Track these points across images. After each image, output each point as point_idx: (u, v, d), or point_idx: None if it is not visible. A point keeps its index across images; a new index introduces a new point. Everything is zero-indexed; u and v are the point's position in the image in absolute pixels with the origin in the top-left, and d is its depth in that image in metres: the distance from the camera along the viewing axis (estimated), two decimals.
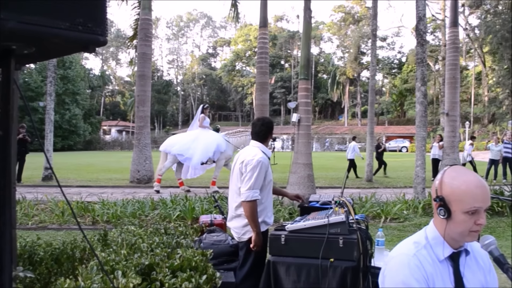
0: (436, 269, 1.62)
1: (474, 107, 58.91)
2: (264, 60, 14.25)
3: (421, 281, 1.58)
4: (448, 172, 1.66)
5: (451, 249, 1.65)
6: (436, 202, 1.64)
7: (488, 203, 1.59)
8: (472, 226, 1.57)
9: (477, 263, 1.72)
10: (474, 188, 1.57)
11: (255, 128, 3.76)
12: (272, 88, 68.66)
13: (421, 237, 1.72)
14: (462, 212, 1.57)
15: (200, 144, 12.08)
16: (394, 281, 1.62)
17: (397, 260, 1.66)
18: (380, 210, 8.66)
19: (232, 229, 3.69)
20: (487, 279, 1.72)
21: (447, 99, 14.95)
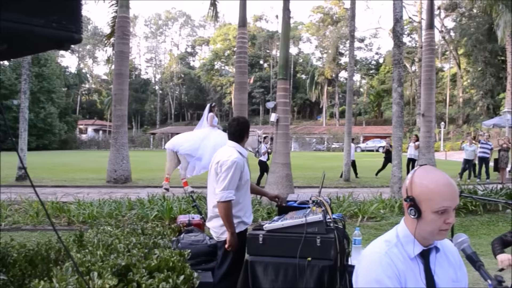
0: (407, 267, 1.65)
1: (449, 108, 60.04)
2: (243, 60, 14.23)
3: (393, 278, 1.60)
4: (418, 172, 1.68)
5: (421, 247, 1.68)
6: (407, 202, 1.66)
7: (456, 202, 1.62)
8: (442, 225, 1.60)
9: (447, 260, 1.75)
10: (443, 187, 1.60)
11: (231, 128, 3.75)
12: (251, 87, 68.60)
13: (392, 235, 1.74)
14: (431, 212, 1.59)
15: (210, 144, 11.66)
16: (367, 279, 1.64)
17: (369, 259, 1.68)
18: (357, 209, 8.75)
19: (211, 228, 3.68)
20: (458, 274, 1.75)
21: (423, 100, 15.19)
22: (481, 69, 50.26)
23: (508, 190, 10.19)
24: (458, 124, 56.04)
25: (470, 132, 43.50)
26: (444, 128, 48.01)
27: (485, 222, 8.72)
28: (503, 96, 42.76)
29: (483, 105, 50.45)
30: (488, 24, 43.82)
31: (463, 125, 53.59)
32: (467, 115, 54.65)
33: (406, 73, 60.46)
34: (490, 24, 40.51)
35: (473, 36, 48.44)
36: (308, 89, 72.04)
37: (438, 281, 1.68)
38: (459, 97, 59.76)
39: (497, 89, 48.33)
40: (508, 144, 17.12)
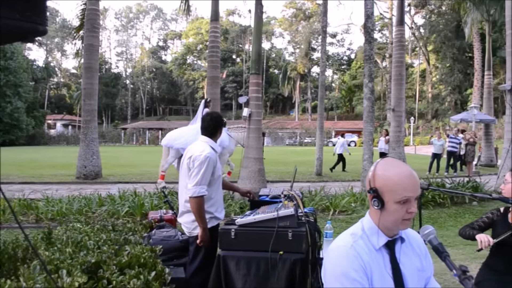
0: (373, 258, 1.68)
1: (419, 103, 61.29)
2: (215, 54, 14.17)
3: (359, 270, 1.63)
4: (380, 164, 1.73)
5: (386, 238, 1.72)
6: (370, 193, 1.71)
7: (418, 192, 1.67)
8: (404, 214, 1.65)
9: (412, 249, 1.80)
10: (405, 178, 1.65)
11: (204, 123, 3.72)
12: (223, 82, 68.40)
13: (357, 228, 1.78)
14: (394, 202, 1.64)
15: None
16: (334, 272, 1.67)
17: (336, 252, 1.71)
18: (329, 203, 8.84)
19: (182, 224, 3.66)
20: (423, 263, 1.80)
21: (393, 95, 15.46)
22: (449, 65, 51.47)
23: (474, 183, 10.48)
24: (427, 119, 57.30)
25: (439, 126, 44.51)
26: (414, 122, 49.04)
27: (452, 214, 8.96)
28: (470, 91, 43.96)
29: (451, 101, 51.72)
30: (456, 22, 44.88)
31: (432, 120, 54.83)
32: (436, 110, 55.94)
33: (377, 68, 61.34)
34: (458, 22, 41.43)
35: (442, 33, 49.55)
36: (280, 84, 72.30)
37: (404, 270, 1.72)
38: (428, 92, 61.09)
39: (465, 85, 49.62)
40: (474, 139, 17.60)
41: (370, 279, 1.66)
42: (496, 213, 3.13)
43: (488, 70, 23.37)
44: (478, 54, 36.40)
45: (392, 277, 1.69)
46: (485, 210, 9.28)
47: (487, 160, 21.22)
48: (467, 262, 5.71)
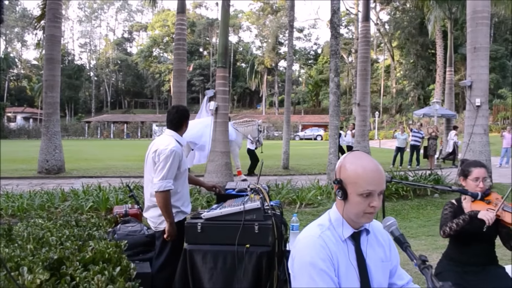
0: (339, 248, 1.73)
1: (383, 98, 62.48)
2: (182, 47, 14.03)
3: (326, 260, 1.67)
4: (348, 157, 1.77)
5: (352, 229, 1.77)
6: (335, 184, 1.76)
7: (382, 187, 1.69)
8: (367, 208, 1.68)
9: (377, 241, 1.85)
10: (369, 172, 1.68)
11: (169, 116, 3.67)
12: (190, 75, 67.84)
13: (325, 219, 1.82)
14: (356, 194, 1.68)
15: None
16: (302, 262, 1.69)
17: (303, 242, 1.74)
18: (296, 196, 8.92)
19: (148, 218, 3.62)
20: (387, 254, 1.86)
21: (358, 90, 15.69)
22: (413, 61, 52.66)
23: (436, 176, 10.79)
24: (391, 114, 58.49)
25: (403, 121, 45.53)
26: (378, 117, 49.95)
27: (415, 206, 9.21)
28: (433, 87, 45.13)
29: (415, 96, 52.97)
30: (420, 19, 45.89)
31: (396, 115, 56.00)
32: (400, 105, 57.19)
33: (343, 63, 62.14)
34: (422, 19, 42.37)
35: (406, 30, 50.59)
36: (248, 77, 72.26)
37: (368, 261, 1.77)
38: (392, 87, 62.35)
39: (428, 80, 50.88)
40: (436, 133, 18.11)
41: (337, 269, 1.69)
42: (453, 207, 3.18)
43: (450, 67, 24.03)
44: (441, 51, 37.42)
45: (357, 267, 1.74)
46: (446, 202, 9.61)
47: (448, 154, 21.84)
48: (428, 253, 5.89)
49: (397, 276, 1.92)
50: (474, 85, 11.15)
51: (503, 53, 44.02)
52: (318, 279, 1.64)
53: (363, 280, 1.74)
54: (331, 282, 1.65)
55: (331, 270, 1.67)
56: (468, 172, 3.13)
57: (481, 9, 11.04)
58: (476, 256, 3.05)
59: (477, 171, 3.10)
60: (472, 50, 11.23)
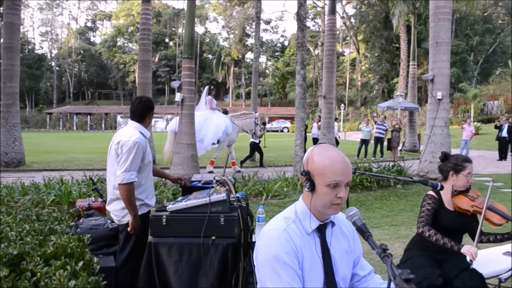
0: (304, 241, 1.75)
1: (349, 91, 63.38)
2: (147, 37, 13.81)
3: (291, 254, 1.69)
4: (315, 149, 1.80)
5: (317, 222, 1.80)
6: (303, 175, 1.78)
7: (348, 178, 1.73)
8: (334, 199, 1.71)
9: (341, 232, 1.89)
10: (336, 163, 1.71)
11: (133, 107, 3.60)
12: (156, 66, 66.90)
13: (291, 212, 1.84)
14: (324, 185, 1.71)
15: (212, 126, 12.05)
16: (266, 255, 1.70)
17: (268, 236, 1.75)
18: (262, 188, 8.96)
19: (111, 212, 3.55)
20: (351, 245, 1.90)
21: (324, 83, 15.86)
22: (378, 55, 53.57)
23: (399, 167, 11.05)
24: (356, 106, 59.42)
25: (367, 113, 46.33)
26: (344, 109, 50.63)
27: (379, 197, 9.42)
28: (397, 80, 46.06)
29: (379, 89, 53.98)
30: (385, 13, 46.72)
31: (361, 107, 56.94)
32: (365, 98, 58.17)
33: (310, 56, 62.59)
34: (387, 13, 43.19)
35: (371, 24, 51.36)
36: (214, 69, 71.82)
37: (333, 253, 1.80)
38: (357, 80, 63.36)
39: (392, 74, 51.91)
40: (400, 125, 18.52)
41: (301, 262, 1.72)
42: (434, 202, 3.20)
43: (413, 61, 24.58)
44: (404, 45, 38.20)
45: (321, 259, 1.77)
46: (408, 193, 9.87)
47: (411, 146, 22.40)
48: (391, 242, 6.04)
49: (359, 267, 1.96)
50: (435, 79, 11.44)
51: (463, 48, 45.37)
52: (281, 272, 1.66)
53: (327, 272, 1.77)
54: (295, 275, 1.68)
55: (295, 264, 1.69)
56: (462, 168, 3.19)
57: (443, 5, 11.32)
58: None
59: (470, 166, 3.20)
60: (434, 44, 11.51)
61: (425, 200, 3.21)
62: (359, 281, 1.97)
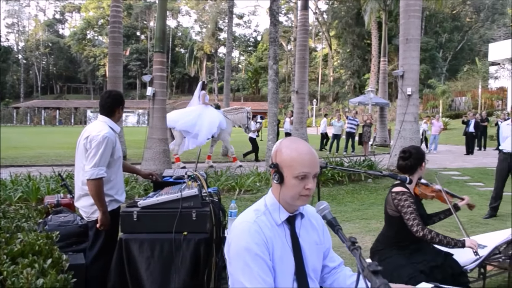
0: (274, 233, 1.78)
1: (321, 86, 63.91)
2: (117, 30, 13.58)
3: (261, 245, 1.72)
4: (284, 142, 1.84)
5: (287, 213, 1.83)
6: (272, 168, 1.81)
7: (316, 169, 1.78)
8: (302, 190, 1.75)
9: (311, 225, 1.93)
10: (304, 155, 1.76)
11: (102, 101, 3.53)
12: (127, 60, 65.88)
13: (261, 205, 1.88)
14: (292, 177, 1.75)
15: (206, 121, 12.07)
16: (237, 247, 1.73)
17: (239, 228, 1.78)
18: (235, 183, 8.97)
19: (80, 208, 3.49)
20: (321, 238, 1.95)
21: (297, 78, 15.92)
22: (350, 51, 54.12)
23: (369, 161, 11.23)
24: (328, 101, 59.99)
25: (339, 109, 46.82)
26: (316, 105, 51.08)
27: (350, 191, 9.55)
28: (368, 76, 46.67)
29: (351, 84, 54.60)
30: (356, 9, 47.17)
31: (333, 102, 57.52)
32: (337, 93, 58.74)
33: (282, 51, 62.79)
34: (359, 9, 43.61)
35: (343, 20, 51.82)
36: (187, 63, 71.31)
37: (303, 244, 1.84)
38: (330, 76, 63.92)
39: (363, 70, 52.53)
40: (371, 120, 18.79)
41: (272, 253, 1.75)
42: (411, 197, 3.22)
43: (384, 57, 24.93)
44: (376, 41, 38.72)
45: (292, 250, 1.80)
46: (379, 187, 10.04)
47: (381, 141, 22.76)
48: (362, 235, 6.13)
49: (329, 259, 2.01)
50: (405, 75, 11.64)
51: (433, 45, 46.26)
52: (253, 264, 1.68)
53: (298, 262, 1.80)
54: (265, 267, 1.71)
55: (266, 255, 1.72)
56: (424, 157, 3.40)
57: (413, 3, 11.51)
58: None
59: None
60: (404, 41, 11.70)
61: (406, 200, 3.15)
62: (329, 272, 2.01)
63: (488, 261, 3.51)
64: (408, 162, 3.34)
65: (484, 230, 5.98)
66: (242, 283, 1.70)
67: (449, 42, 49.80)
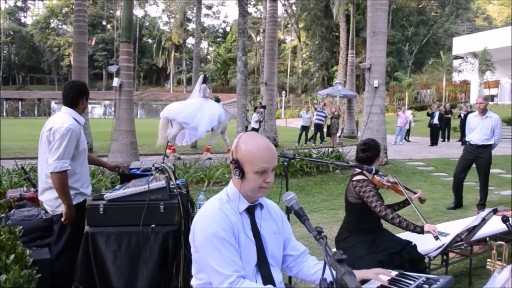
0: (238, 219, 1.87)
1: (290, 78, 64.14)
2: (82, 19, 13.24)
3: (228, 230, 1.80)
4: (243, 138, 1.89)
5: (247, 203, 1.91)
6: (232, 164, 1.87)
7: (274, 163, 1.87)
8: (262, 183, 1.84)
9: (270, 215, 2.02)
10: (263, 150, 1.83)
11: (64, 92, 3.44)
12: (92, 50, 64.39)
13: (223, 194, 1.95)
14: (253, 172, 1.82)
15: (206, 114, 12.10)
16: (205, 234, 1.79)
17: (205, 216, 1.84)
18: (203, 175, 8.92)
19: (44, 202, 3.40)
20: (280, 227, 2.03)
21: (266, 70, 15.95)
22: (318, 43, 54.49)
23: (337, 153, 11.37)
24: (297, 93, 60.31)
25: (308, 101, 47.18)
26: (285, 96, 51.28)
27: (318, 182, 9.65)
28: (336, 68, 47.14)
29: (319, 76, 55.05)
30: (325, 1, 47.50)
31: (302, 94, 57.86)
32: (305, 85, 59.13)
33: (251, 43, 62.62)
34: (327, 2, 43.90)
35: (312, 12, 52.07)
36: (154, 54, 70.22)
37: (263, 233, 1.93)
38: (298, 68, 64.23)
39: (331, 62, 53.01)
40: (339, 112, 19.01)
41: (237, 238, 1.83)
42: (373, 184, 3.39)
43: (352, 49, 25.22)
44: (344, 34, 39.01)
45: (253, 238, 1.88)
46: (346, 178, 10.18)
47: (349, 132, 23.09)
48: (330, 225, 6.23)
49: (291, 248, 2.09)
50: (372, 67, 11.81)
51: (399, 38, 47.07)
52: (222, 248, 1.75)
53: (259, 249, 1.89)
54: (234, 250, 1.78)
55: (232, 239, 1.80)
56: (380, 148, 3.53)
57: None
58: (379, 221, 3.43)
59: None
60: (371, 34, 11.85)
61: (367, 186, 3.32)
62: (294, 261, 2.09)
63: (451, 248, 3.64)
64: (368, 153, 3.48)
65: (447, 219, 6.16)
66: (212, 267, 1.75)
67: (415, 35, 50.78)
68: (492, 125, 6.84)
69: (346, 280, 1.14)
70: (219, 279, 1.74)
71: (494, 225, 3.99)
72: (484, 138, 6.91)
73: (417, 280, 1.86)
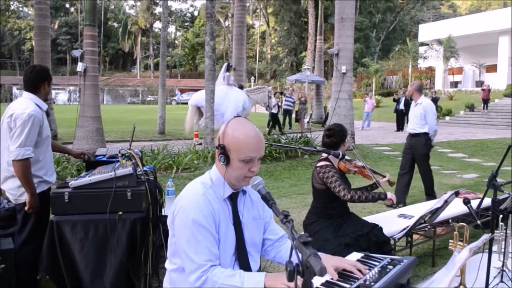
0: (220, 206, 1.83)
1: (259, 64, 64.03)
2: (43, 1, 12.79)
3: (209, 217, 1.76)
4: (231, 123, 1.84)
5: (231, 190, 1.88)
6: (218, 149, 1.82)
7: (261, 153, 1.82)
8: (247, 172, 1.79)
9: (251, 201, 1.98)
10: (251, 139, 1.78)
11: (25, 77, 3.31)
12: (55, 34, 62.43)
13: (206, 178, 1.90)
14: (238, 160, 1.77)
15: (231, 101, 12.59)
16: (185, 219, 1.75)
17: (187, 200, 1.80)
18: (172, 161, 8.85)
19: (6, 191, 3.29)
20: (260, 213, 2.00)
21: (234, 55, 15.84)
22: (287, 28, 54.49)
23: (306, 138, 11.47)
24: (266, 79, 60.31)
25: (277, 86, 47.24)
26: (254, 82, 51.18)
27: (287, 167, 9.73)
28: (305, 54, 47.26)
29: (288, 62, 55.20)
30: None
31: (271, 80, 57.90)
32: (274, 71, 59.22)
33: (220, 27, 62.07)
34: None
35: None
36: (120, 38, 68.69)
37: (243, 221, 1.90)
38: (267, 53, 64.13)
39: (300, 48, 53.16)
40: (305, 98, 19.14)
41: (218, 226, 1.79)
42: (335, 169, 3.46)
43: (320, 35, 25.31)
44: (312, 20, 39.06)
45: (233, 225, 1.85)
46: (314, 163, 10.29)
47: (317, 118, 23.29)
48: (299, 209, 6.30)
49: (269, 231, 2.07)
50: (340, 53, 11.91)
51: (367, 24, 47.58)
52: (199, 236, 1.72)
53: (238, 238, 1.86)
54: (212, 239, 1.75)
55: (212, 227, 1.76)
56: (346, 134, 3.60)
57: None
58: (345, 205, 3.54)
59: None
60: (339, 20, 11.92)
61: (329, 171, 3.38)
62: (272, 245, 2.07)
63: (415, 230, 3.77)
64: (333, 139, 3.54)
65: (411, 202, 6.32)
66: (187, 254, 1.73)
67: (382, 22, 51.41)
68: (421, 113, 6.35)
69: (311, 262, 1.16)
70: (192, 267, 1.72)
71: (456, 207, 4.13)
72: (416, 126, 6.48)
73: (382, 261, 1.90)
